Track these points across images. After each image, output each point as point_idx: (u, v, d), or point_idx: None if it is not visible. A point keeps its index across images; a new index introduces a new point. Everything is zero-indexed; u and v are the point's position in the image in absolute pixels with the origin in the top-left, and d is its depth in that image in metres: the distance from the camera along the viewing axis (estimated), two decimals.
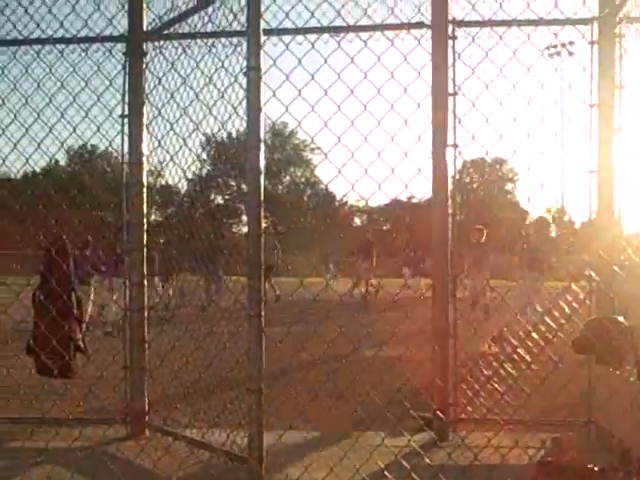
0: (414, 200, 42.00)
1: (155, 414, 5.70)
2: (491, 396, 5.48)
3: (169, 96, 5.21)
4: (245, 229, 4.28)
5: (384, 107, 3.62)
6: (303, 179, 66.45)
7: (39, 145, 4.80)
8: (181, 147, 5.15)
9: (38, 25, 5.05)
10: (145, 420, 5.69)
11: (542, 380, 5.17)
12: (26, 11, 4.93)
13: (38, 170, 7.31)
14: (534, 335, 5.94)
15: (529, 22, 5.13)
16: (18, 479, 4.67)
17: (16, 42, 5.45)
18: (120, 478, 4.41)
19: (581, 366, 5.22)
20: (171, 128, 5.16)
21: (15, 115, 4.96)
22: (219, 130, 4.69)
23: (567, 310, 5.42)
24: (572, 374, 5.05)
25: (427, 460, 4.39)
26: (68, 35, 5.34)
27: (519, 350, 5.93)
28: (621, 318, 4.14)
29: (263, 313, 4.08)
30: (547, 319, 5.77)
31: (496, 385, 5.50)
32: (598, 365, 4.65)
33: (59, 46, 5.45)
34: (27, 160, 5.04)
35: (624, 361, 4.21)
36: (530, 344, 5.99)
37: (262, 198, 4.01)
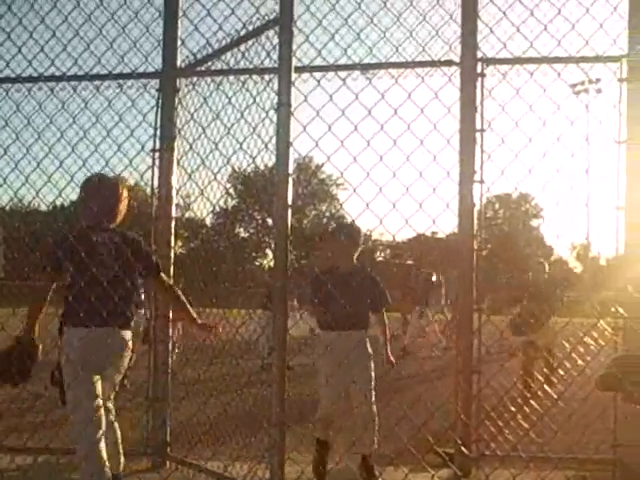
0: (438, 235, 42.01)
1: (177, 446, 5.69)
2: (515, 433, 5.41)
3: (201, 131, 5.30)
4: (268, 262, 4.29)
5: (413, 143, 3.65)
6: (328, 213, 66.52)
7: (72, 179, 4.86)
8: (210, 181, 5.21)
9: (76, 61, 5.16)
10: (167, 452, 5.68)
11: (568, 417, 5.11)
12: (65, 48, 5.04)
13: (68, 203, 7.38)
14: (560, 372, 5.88)
15: (559, 59, 5.16)
16: None
17: (54, 78, 5.56)
18: None
19: (608, 403, 5.14)
20: (202, 162, 5.23)
21: (50, 148, 5.03)
22: (249, 165, 4.74)
23: (593, 347, 5.35)
24: (599, 411, 4.98)
25: None
26: (104, 71, 5.47)
27: (545, 386, 5.87)
28: None
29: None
30: (573, 355, 5.70)
31: (521, 422, 5.42)
32: (625, 403, 4.59)
33: (95, 83, 5.58)
34: (60, 193, 5.08)
35: None
36: (555, 380, 5.93)
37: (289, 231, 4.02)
